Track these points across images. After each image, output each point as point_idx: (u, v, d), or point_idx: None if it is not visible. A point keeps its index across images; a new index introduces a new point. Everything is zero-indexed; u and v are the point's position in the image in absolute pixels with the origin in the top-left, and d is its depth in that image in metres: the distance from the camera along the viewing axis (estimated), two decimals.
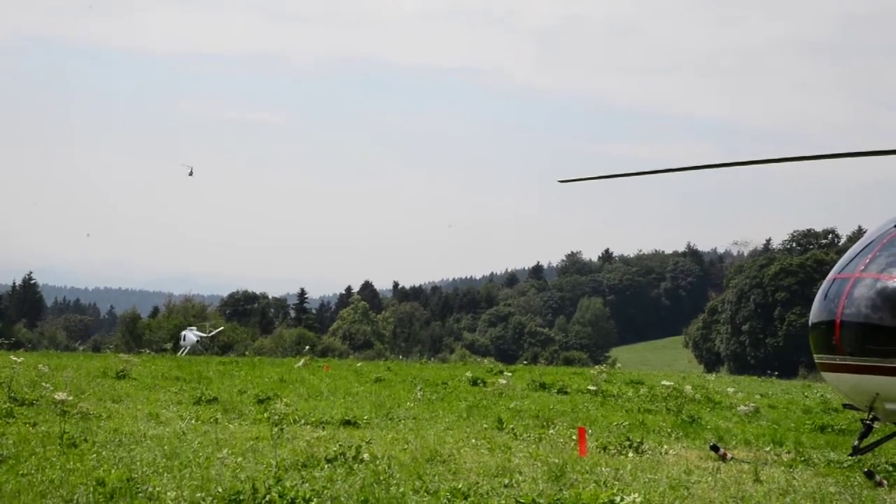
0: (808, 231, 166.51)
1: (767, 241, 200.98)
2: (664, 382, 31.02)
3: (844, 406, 17.88)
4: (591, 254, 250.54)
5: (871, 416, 15.48)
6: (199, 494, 11.54)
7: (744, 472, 15.27)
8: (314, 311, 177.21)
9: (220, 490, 11.66)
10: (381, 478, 13.06)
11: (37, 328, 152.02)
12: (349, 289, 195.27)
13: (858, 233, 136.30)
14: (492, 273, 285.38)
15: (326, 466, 13.85)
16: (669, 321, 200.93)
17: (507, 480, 13.47)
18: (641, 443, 17.36)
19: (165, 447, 15.05)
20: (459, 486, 12.47)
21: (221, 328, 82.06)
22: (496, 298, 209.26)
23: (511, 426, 19.31)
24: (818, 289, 16.48)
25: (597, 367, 44.63)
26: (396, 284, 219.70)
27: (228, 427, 18.05)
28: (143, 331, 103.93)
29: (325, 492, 11.87)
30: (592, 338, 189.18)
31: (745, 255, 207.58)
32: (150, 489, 11.69)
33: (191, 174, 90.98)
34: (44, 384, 21.89)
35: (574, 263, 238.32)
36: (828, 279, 16.18)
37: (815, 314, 15.98)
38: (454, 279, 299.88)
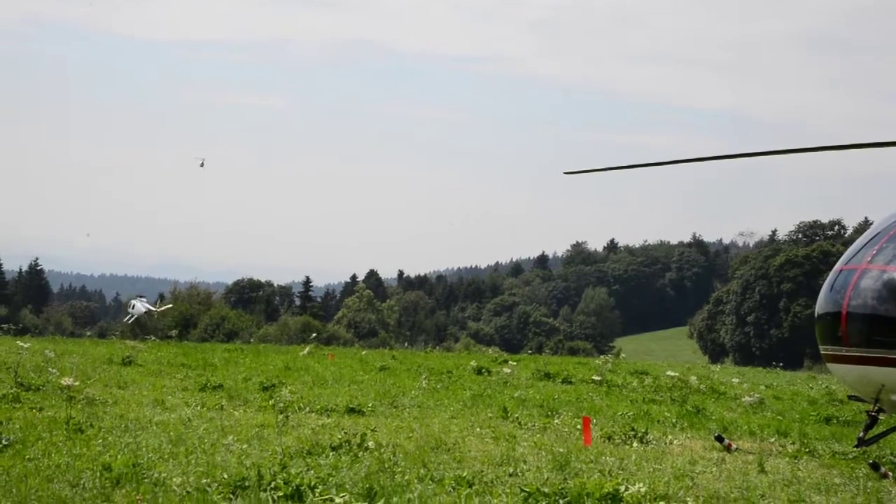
0: (815, 222, 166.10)
1: (773, 233, 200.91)
2: (669, 373, 31.02)
3: (850, 397, 17.86)
4: (597, 244, 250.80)
5: (877, 408, 15.47)
6: (205, 480, 11.59)
7: (748, 463, 15.28)
8: (319, 300, 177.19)
9: (226, 476, 11.71)
10: (386, 465, 13.10)
11: (43, 314, 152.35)
12: (354, 277, 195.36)
13: (865, 224, 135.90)
14: (497, 263, 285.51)
15: (331, 454, 13.89)
16: (674, 312, 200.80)
17: (512, 469, 13.50)
18: (646, 433, 17.37)
19: (171, 433, 15.11)
20: (464, 475, 12.51)
21: (170, 305, 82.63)
22: (501, 288, 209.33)
23: (516, 415, 19.33)
24: (824, 280, 16.47)
25: (601, 358, 44.62)
26: (401, 273, 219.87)
27: (234, 414, 18.10)
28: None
29: (330, 479, 11.89)
30: (597, 328, 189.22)
31: (751, 246, 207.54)
32: (156, 475, 11.74)
33: (202, 166, 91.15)
34: (50, 370, 21.96)
35: (579, 253, 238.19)
36: (834, 270, 16.16)
37: (822, 305, 15.96)
38: (459, 268, 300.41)
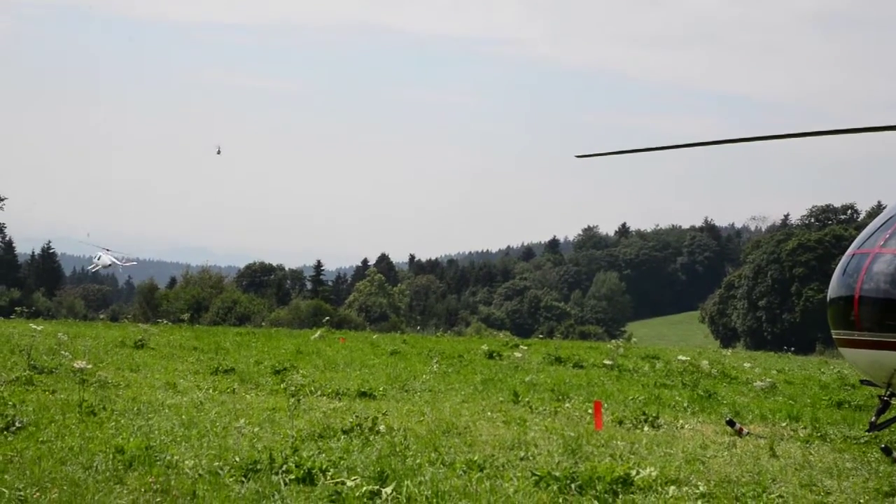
0: (827, 206, 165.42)
1: (785, 217, 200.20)
2: (680, 357, 31.00)
3: (862, 382, 17.81)
4: (608, 228, 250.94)
5: (889, 393, 15.40)
6: (217, 463, 11.63)
7: (760, 447, 15.26)
8: (330, 284, 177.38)
9: (238, 459, 11.75)
10: (398, 449, 13.13)
11: (55, 297, 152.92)
12: (365, 261, 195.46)
13: (878, 208, 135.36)
14: (508, 247, 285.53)
15: (343, 437, 13.93)
16: (686, 296, 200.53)
17: (523, 453, 13.51)
18: (657, 417, 17.37)
19: (183, 416, 15.16)
20: (475, 459, 12.53)
21: (135, 262, 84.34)
22: (512, 272, 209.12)
23: (526, 399, 19.34)
24: (836, 264, 16.40)
25: (613, 342, 44.62)
26: (413, 257, 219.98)
27: (245, 397, 18.15)
28: (161, 301, 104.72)
29: (342, 462, 11.93)
30: (608, 312, 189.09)
31: (763, 231, 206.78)
32: (169, 457, 11.78)
33: (219, 153, 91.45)
34: (63, 352, 22.08)
35: (590, 237, 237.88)
36: (847, 254, 16.08)
37: (834, 290, 15.90)
38: (470, 252, 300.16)
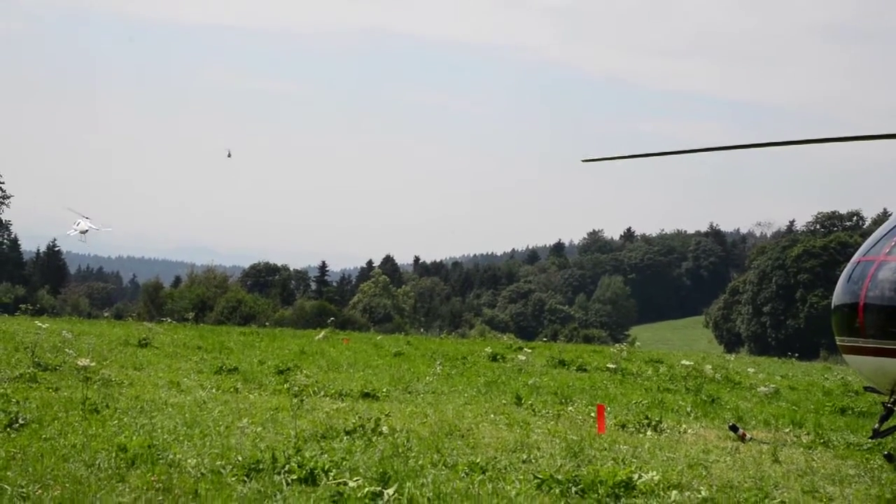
0: (833, 213, 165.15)
1: (791, 223, 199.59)
2: (684, 362, 30.97)
3: (865, 389, 17.78)
4: (613, 232, 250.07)
5: (893, 400, 15.37)
6: (220, 462, 11.63)
7: (763, 453, 15.25)
8: (335, 284, 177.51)
9: (240, 459, 11.75)
10: (400, 450, 13.13)
11: (60, 295, 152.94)
12: (370, 262, 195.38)
13: (883, 215, 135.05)
14: (513, 250, 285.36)
15: (345, 438, 13.93)
16: (690, 301, 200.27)
17: (526, 456, 13.51)
18: (660, 421, 17.36)
19: (186, 415, 15.18)
20: (478, 461, 12.52)
21: (110, 228, 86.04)
22: (517, 275, 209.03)
23: (530, 402, 19.34)
24: (842, 271, 16.38)
25: (616, 346, 44.63)
26: (417, 259, 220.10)
27: (248, 397, 18.17)
28: (166, 300, 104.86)
29: (344, 463, 11.93)
30: (612, 316, 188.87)
31: (768, 237, 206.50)
32: (171, 456, 11.79)
33: (229, 156, 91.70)
34: (67, 350, 22.12)
35: (595, 241, 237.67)
36: (852, 261, 16.06)
37: (839, 296, 15.88)
38: (475, 255, 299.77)
